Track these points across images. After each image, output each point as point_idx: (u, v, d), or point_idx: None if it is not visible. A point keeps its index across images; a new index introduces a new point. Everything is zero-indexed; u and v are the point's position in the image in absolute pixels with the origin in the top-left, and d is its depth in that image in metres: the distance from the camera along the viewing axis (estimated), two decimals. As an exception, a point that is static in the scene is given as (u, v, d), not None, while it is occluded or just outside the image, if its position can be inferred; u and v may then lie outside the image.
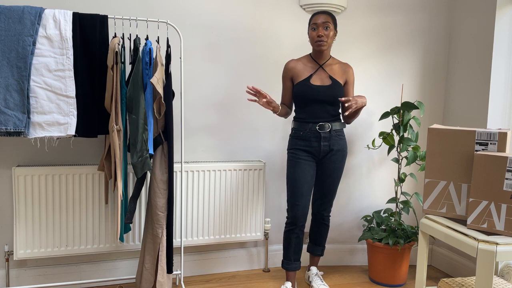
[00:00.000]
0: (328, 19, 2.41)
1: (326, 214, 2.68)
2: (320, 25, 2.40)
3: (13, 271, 2.50)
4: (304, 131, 2.49)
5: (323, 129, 2.46)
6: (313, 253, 2.76)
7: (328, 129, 2.47)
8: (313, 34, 2.43)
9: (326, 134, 2.47)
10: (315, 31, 2.41)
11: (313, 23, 2.42)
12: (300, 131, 2.51)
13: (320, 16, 2.41)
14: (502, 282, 2.09)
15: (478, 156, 1.81)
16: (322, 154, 2.51)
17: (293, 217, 2.50)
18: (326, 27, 2.40)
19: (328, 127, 2.47)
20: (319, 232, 2.72)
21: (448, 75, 3.11)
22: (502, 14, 2.65)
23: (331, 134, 2.49)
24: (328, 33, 2.42)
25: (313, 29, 2.42)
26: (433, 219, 2.00)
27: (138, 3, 2.60)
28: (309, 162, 2.50)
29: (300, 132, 2.50)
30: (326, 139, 2.48)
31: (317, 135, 2.47)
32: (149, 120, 2.29)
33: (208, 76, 2.79)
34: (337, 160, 2.54)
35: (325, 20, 2.40)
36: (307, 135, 2.48)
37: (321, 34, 2.39)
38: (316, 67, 2.50)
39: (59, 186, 2.43)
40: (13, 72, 2.08)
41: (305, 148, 2.49)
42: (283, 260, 2.59)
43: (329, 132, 2.48)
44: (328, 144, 2.49)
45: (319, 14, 2.43)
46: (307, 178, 2.49)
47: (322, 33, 2.39)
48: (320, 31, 2.40)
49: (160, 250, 2.40)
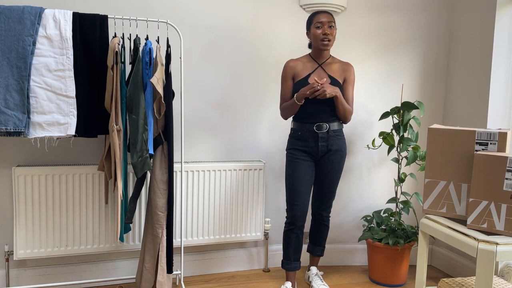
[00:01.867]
0: (332, 19, 2.44)
1: (325, 214, 2.68)
2: (325, 23, 2.40)
3: (13, 271, 2.50)
4: (302, 131, 2.49)
5: (320, 129, 2.46)
6: (313, 253, 2.77)
7: (325, 129, 2.47)
8: (317, 33, 2.42)
9: (324, 134, 2.47)
10: (320, 29, 2.41)
11: (318, 21, 2.41)
12: (298, 131, 2.51)
13: (324, 15, 2.42)
14: (502, 282, 2.09)
15: (478, 156, 1.81)
16: (320, 154, 2.51)
17: (292, 217, 2.51)
18: (330, 26, 2.42)
19: (325, 127, 2.47)
20: (318, 233, 2.72)
21: (448, 75, 3.11)
22: (502, 14, 2.65)
23: (329, 134, 2.48)
24: (332, 32, 2.43)
25: (317, 27, 2.42)
26: (433, 219, 2.00)
27: (138, 3, 2.60)
28: (307, 162, 2.50)
29: (298, 133, 2.51)
30: (324, 139, 2.48)
31: (314, 135, 2.47)
32: (149, 120, 2.29)
33: (208, 76, 2.79)
34: (335, 160, 2.54)
35: (330, 19, 2.42)
36: (305, 135, 2.48)
37: (327, 32, 2.40)
38: (315, 66, 2.51)
39: (59, 186, 2.43)
40: (13, 72, 2.08)
41: (303, 148, 2.49)
42: (283, 260, 2.59)
43: (327, 132, 2.48)
44: (326, 144, 2.49)
45: (322, 13, 2.43)
46: (305, 178, 2.49)
47: (328, 32, 2.40)
48: (325, 30, 2.40)
49: (160, 250, 2.40)
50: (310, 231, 2.77)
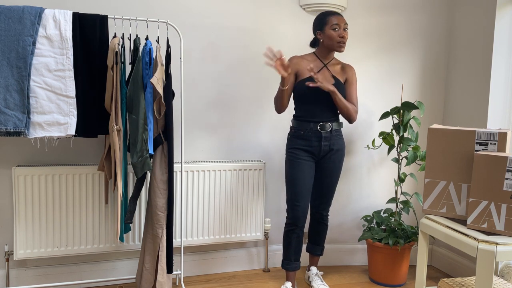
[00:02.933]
0: (346, 22, 2.48)
1: (325, 213, 2.69)
2: (342, 26, 2.43)
3: (13, 271, 2.50)
4: (304, 130, 2.49)
5: (324, 128, 2.47)
6: (313, 253, 2.77)
7: (329, 129, 2.48)
8: (334, 35, 2.42)
9: (327, 134, 2.48)
10: (337, 31, 2.42)
11: (335, 23, 2.42)
12: (300, 130, 2.50)
13: (340, 17, 2.44)
14: (502, 282, 2.09)
15: (478, 156, 1.81)
16: (322, 153, 2.51)
17: (293, 217, 2.50)
18: (345, 28, 2.44)
19: (329, 127, 2.48)
20: (318, 232, 2.72)
21: (448, 75, 3.11)
22: (502, 14, 2.65)
23: (332, 134, 2.50)
24: (347, 35, 2.46)
25: (334, 29, 2.42)
26: (433, 219, 2.00)
27: (138, 3, 2.60)
28: (309, 162, 2.51)
29: (300, 132, 2.50)
30: (327, 138, 2.49)
31: (318, 134, 2.48)
32: (149, 120, 2.29)
33: (208, 76, 2.79)
34: (336, 160, 2.55)
35: (345, 22, 2.45)
36: (308, 134, 2.48)
37: (344, 35, 2.42)
38: (321, 66, 2.51)
39: (59, 186, 2.43)
40: (13, 72, 2.08)
41: (306, 147, 2.49)
42: (283, 260, 2.59)
43: (330, 132, 2.49)
44: (328, 144, 2.50)
45: (339, 16, 2.44)
46: (306, 179, 2.50)
47: (344, 35, 2.42)
48: (342, 32, 2.42)
49: (160, 250, 2.40)
50: (309, 231, 2.77)
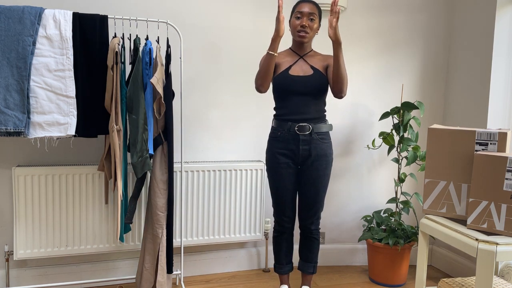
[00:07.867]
0: (314, 10, 2.22)
1: (313, 228, 2.39)
2: (305, 14, 2.20)
3: (13, 271, 2.50)
4: (282, 131, 2.27)
5: (302, 130, 2.23)
6: (304, 271, 2.47)
7: (308, 131, 2.23)
8: (295, 23, 2.23)
9: (306, 136, 2.24)
10: (299, 20, 2.21)
11: (298, 11, 2.21)
12: (277, 131, 2.29)
13: (306, 5, 2.22)
14: (502, 282, 2.09)
15: (478, 156, 1.81)
16: (301, 159, 2.27)
17: (279, 223, 2.40)
18: (311, 18, 2.21)
19: (308, 129, 2.23)
20: (308, 248, 2.44)
21: (448, 75, 3.11)
22: (502, 14, 2.65)
23: (312, 137, 2.24)
24: (312, 25, 2.23)
25: (297, 18, 2.22)
26: (433, 219, 2.00)
27: (138, 3, 2.60)
28: (289, 170, 2.29)
29: (277, 133, 2.29)
30: (306, 142, 2.24)
31: (295, 137, 2.24)
32: (149, 120, 2.29)
33: (208, 76, 2.79)
34: (320, 167, 2.28)
35: (312, 10, 2.21)
36: (285, 136, 2.26)
37: (304, 24, 2.19)
38: (296, 58, 2.30)
39: (59, 186, 2.43)
40: (13, 72, 2.09)
41: (283, 151, 2.27)
42: (275, 265, 2.47)
43: (310, 135, 2.24)
44: (308, 148, 2.25)
45: (305, 3, 2.23)
46: (288, 187, 2.32)
47: (306, 24, 2.20)
48: (304, 21, 2.20)
49: (160, 250, 2.40)
50: (299, 247, 2.49)
